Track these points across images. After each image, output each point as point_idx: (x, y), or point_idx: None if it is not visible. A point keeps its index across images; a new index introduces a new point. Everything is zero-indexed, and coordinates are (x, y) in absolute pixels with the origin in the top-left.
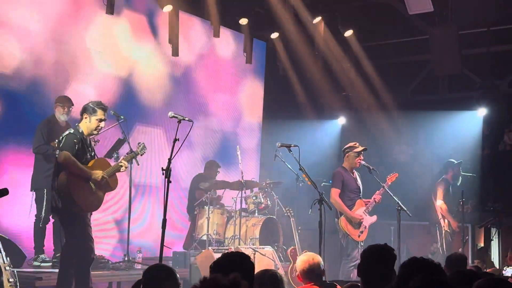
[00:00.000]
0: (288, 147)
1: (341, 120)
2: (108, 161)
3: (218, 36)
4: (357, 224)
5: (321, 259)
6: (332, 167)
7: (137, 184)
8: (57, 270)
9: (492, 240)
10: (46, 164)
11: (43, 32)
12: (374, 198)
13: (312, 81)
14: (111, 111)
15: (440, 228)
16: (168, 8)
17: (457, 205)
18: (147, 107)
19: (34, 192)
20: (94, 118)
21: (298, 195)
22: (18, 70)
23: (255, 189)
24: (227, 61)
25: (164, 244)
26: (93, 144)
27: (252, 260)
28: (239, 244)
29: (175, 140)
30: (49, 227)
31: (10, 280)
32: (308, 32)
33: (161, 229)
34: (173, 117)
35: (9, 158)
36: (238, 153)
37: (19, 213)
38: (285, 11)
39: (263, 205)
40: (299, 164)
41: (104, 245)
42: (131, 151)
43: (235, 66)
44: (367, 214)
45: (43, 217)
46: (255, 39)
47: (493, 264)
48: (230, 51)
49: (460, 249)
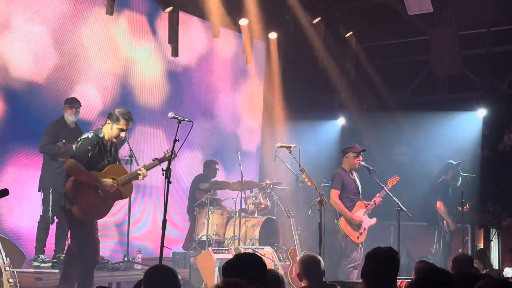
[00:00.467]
0: (288, 148)
1: (341, 121)
2: (125, 168)
3: (218, 36)
4: (357, 226)
5: (321, 260)
6: (332, 168)
7: (137, 184)
8: (57, 271)
9: (492, 241)
10: (53, 164)
11: (44, 33)
12: (375, 201)
13: (312, 82)
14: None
15: (440, 229)
16: (168, 9)
17: (457, 206)
18: (147, 108)
19: (42, 192)
20: (116, 127)
21: (298, 196)
22: (20, 72)
23: (255, 190)
24: (227, 61)
25: (164, 245)
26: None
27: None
28: (239, 245)
29: (175, 141)
30: (52, 227)
31: (10, 281)
32: (308, 32)
33: (161, 229)
34: (173, 118)
35: (11, 160)
36: (238, 154)
37: (20, 214)
38: (285, 11)
39: (263, 206)
40: (299, 165)
41: (104, 246)
42: (155, 159)
43: (235, 66)
44: (367, 216)
45: (49, 217)
46: (255, 39)
47: (492, 266)
48: (230, 51)
49: (460, 250)
